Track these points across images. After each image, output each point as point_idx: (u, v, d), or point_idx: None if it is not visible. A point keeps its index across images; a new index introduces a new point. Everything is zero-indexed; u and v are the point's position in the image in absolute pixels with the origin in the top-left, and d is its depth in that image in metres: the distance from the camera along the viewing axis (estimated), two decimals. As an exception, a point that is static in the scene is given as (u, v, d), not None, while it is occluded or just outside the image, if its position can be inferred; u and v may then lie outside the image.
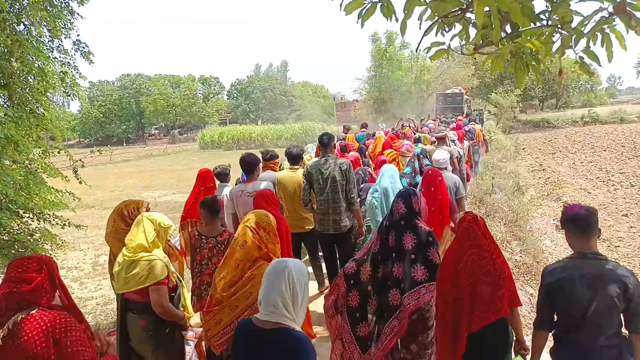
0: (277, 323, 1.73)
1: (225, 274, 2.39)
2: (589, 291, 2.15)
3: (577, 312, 2.18)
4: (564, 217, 2.39)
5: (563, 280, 2.22)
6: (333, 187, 4.30)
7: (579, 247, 2.30)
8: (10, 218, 4.43)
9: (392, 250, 2.66)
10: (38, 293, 1.88)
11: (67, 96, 5.20)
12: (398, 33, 30.56)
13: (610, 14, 2.00)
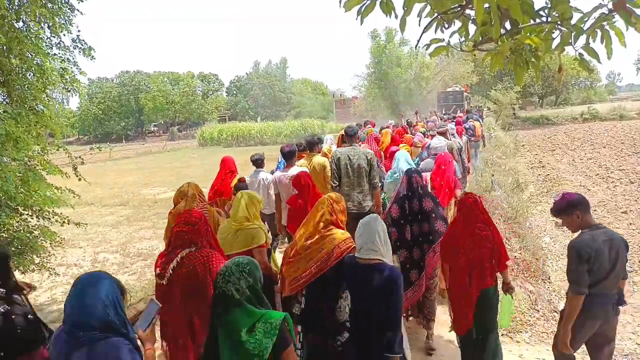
0: (374, 259, 2.42)
1: (304, 233, 2.98)
2: (612, 252, 2.74)
3: (605, 270, 2.74)
4: (570, 202, 2.84)
5: (597, 247, 2.71)
6: (359, 172, 4.98)
7: (589, 222, 2.83)
8: (10, 215, 4.43)
9: (418, 212, 3.74)
10: (197, 234, 2.62)
11: (66, 92, 5.19)
12: (397, 30, 30.39)
13: (610, 11, 2.00)
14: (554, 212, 3.00)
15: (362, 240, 2.47)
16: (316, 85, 77.78)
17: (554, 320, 5.36)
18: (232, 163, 5.20)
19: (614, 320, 2.89)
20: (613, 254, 2.75)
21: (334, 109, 54.28)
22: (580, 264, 2.72)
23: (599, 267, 2.72)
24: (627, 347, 5.02)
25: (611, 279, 2.78)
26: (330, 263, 2.78)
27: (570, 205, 2.85)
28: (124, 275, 7.13)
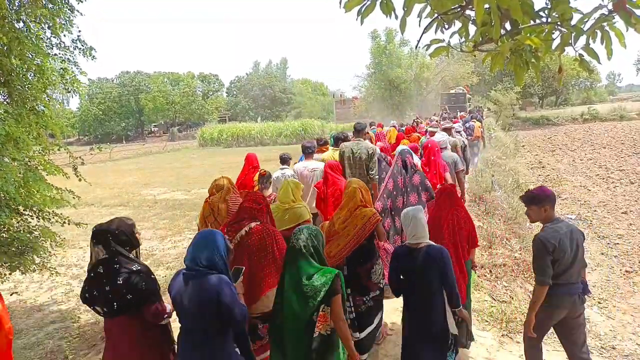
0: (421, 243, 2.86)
1: (341, 215, 3.54)
2: (572, 243, 2.94)
3: (568, 260, 2.94)
4: (543, 196, 3.03)
5: (560, 239, 2.91)
6: (360, 164, 5.46)
7: (552, 216, 3.05)
8: (10, 216, 4.43)
9: (408, 185, 4.53)
10: (261, 212, 3.29)
11: (67, 92, 5.19)
12: (398, 30, 30.44)
13: (610, 12, 2.00)
14: (527, 200, 3.14)
15: (411, 230, 2.91)
16: (316, 85, 77.82)
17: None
18: (255, 159, 5.63)
19: (581, 308, 3.06)
20: (574, 245, 2.95)
21: (334, 110, 54.26)
22: (545, 255, 2.92)
23: (562, 257, 2.92)
24: (628, 348, 5.02)
25: (574, 268, 2.98)
26: (366, 234, 3.39)
27: (544, 198, 3.03)
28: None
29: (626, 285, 6.96)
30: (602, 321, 5.76)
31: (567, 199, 12.15)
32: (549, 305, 2.98)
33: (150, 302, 2.53)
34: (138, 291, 2.48)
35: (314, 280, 2.40)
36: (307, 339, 2.41)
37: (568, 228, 2.98)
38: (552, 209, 3.03)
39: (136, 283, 2.49)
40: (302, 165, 5.62)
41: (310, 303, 2.38)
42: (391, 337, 4.08)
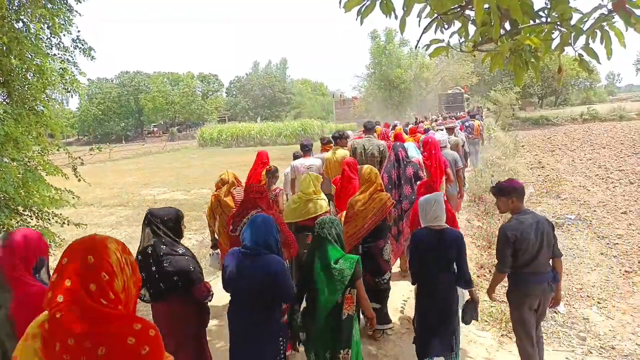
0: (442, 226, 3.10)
1: (360, 199, 3.92)
2: (538, 233, 3.03)
3: (534, 249, 3.04)
4: (511, 188, 3.17)
5: (523, 230, 3.03)
6: (372, 160, 5.89)
7: (519, 207, 3.16)
8: (9, 216, 4.43)
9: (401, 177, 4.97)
10: (262, 200, 3.68)
11: (66, 92, 5.19)
12: (397, 30, 30.47)
13: (609, 11, 2.00)
14: (496, 191, 3.27)
15: (433, 213, 3.13)
16: (316, 85, 77.84)
17: (553, 320, 5.36)
18: (266, 156, 5.80)
19: (550, 295, 3.21)
20: (539, 235, 3.05)
21: (334, 110, 54.26)
22: (506, 245, 3.06)
23: (526, 247, 3.03)
24: (627, 348, 5.01)
25: (541, 258, 3.09)
26: (382, 216, 3.84)
27: (512, 190, 3.16)
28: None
29: (626, 285, 6.95)
30: (601, 321, 5.76)
31: (566, 199, 12.14)
32: (525, 294, 3.11)
33: (198, 282, 2.75)
34: (186, 273, 2.69)
35: (340, 264, 2.69)
36: (334, 320, 2.69)
37: (534, 219, 3.10)
38: (519, 201, 3.16)
39: (184, 265, 2.70)
40: (299, 162, 5.93)
41: (338, 286, 2.67)
42: (391, 337, 4.08)
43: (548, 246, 3.11)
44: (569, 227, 9.82)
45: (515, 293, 3.18)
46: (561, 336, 4.90)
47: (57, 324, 1.30)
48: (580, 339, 4.96)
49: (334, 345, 2.70)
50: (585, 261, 7.95)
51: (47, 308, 1.32)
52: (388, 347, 3.92)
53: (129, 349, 1.31)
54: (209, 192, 14.14)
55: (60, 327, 1.30)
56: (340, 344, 2.69)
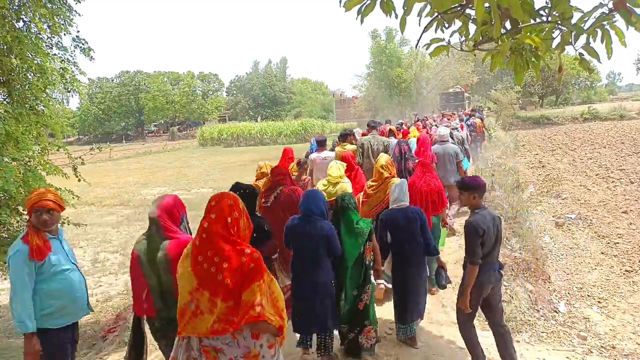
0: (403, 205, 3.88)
1: (373, 185, 4.80)
2: (494, 228, 3.34)
3: (492, 242, 3.34)
4: (475, 184, 3.42)
5: (487, 224, 3.28)
6: (376, 154, 6.46)
7: (480, 203, 3.42)
8: (10, 215, 4.43)
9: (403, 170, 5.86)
10: (285, 179, 4.58)
11: (67, 92, 5.19)
12: (398, 30, 30.43)
13: (610, 10, 2.00)
14: (460, 186, 3.51)
15: (396, 195, 3.92)
16: (316, 85, 77.80)
17: (554, 320, 5.36)
18: (291, 152, 6.42)
19: (500, 282, 3.57)
20: (495, 230, 3.36)
21: (334, 109, 54.26)
22: (476, 238, 3.26)
23: (489, 240, 3.30)
24: (628, 347, 5.01)
25: (496, 250, 3.42)
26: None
27: (475, 187, 3.40)
28: (123, 275, 7.13)
29: (626, 284, 6.95)
30: (602, 320, 5.76)
31: (567, 199, 12.12)
32: (480, 283, 3.34)
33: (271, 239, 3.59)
34: (263, 231, 3.53)
35: (360, 224, 3.57)
36: (359, 265, 3.58)
37: (491, 215, 3.39)
38: (480, 197, 3.42)
39: (262, 225, 3.56)
40: (315, 155, 6.70)
41: (359, 240, 3.55)
42: (391, 337, 4.08)
43: (500, 240, 3.46)
44: (570, 227, 9.82)
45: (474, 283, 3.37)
46: (562, 335, 4.90)
47: (202, 241, 2.16)
48: (581, 338, 4.96)
49: (358, 282, 3.59)
50: (586, 260, 7.95)
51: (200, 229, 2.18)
52: (388, 346, 3.92)
53: (242, 264, 2.08)
54: (209, 192, 14.14)
55: (202, 245, 2.15)
56: (365, 282, 3.61)
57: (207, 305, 2.09)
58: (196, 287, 2.12)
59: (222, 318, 2.06)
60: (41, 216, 2.80)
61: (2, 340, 5.17)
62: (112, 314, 5.65)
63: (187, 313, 2.14)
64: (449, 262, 6.02)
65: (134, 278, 2.78)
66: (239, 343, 2.13)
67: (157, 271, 2.69)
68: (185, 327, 2.14)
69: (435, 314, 4.65)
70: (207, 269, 2.09)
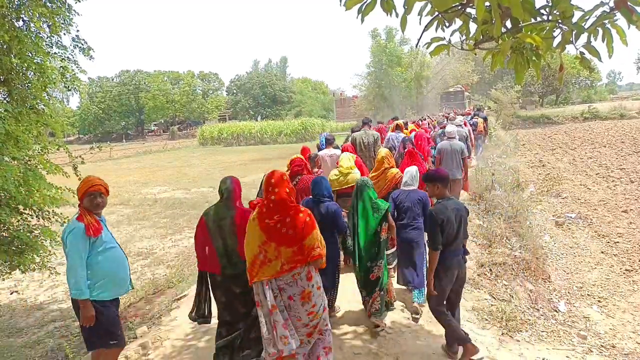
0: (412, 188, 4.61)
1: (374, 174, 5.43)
2: (457, 217, 3.55)
3: (454, 231, 3.53)
4: (437, 176, 3.70)
5: (448, 214, 3.50)
6: (368, 148, 7.45)
7: (443, 194, 3.65)
8: (10, 215, 4.43)
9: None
10: (303, 169, 5.39)
11: (67, 91, 5.19)
12: (398, 29, 30.49)
13: (611, 9, 1.99)
14: (424, 178, 3.83)
15: (408, 178, 4.64)
16: (316, 84, 77.74)
17: (554, 319, 5.36)
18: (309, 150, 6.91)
19: (465, 268, 3.77)
20: (458, 219, 3.56)
21: (335, 108, 54.23)
22: (436, 226, 3.50)
23: (450, 228, 3.50)
24: (628, 346, 5.02)
25: (459, 238, 3.60)
26: (392, 184, 5.23)
27: (437, 178, 3.67)
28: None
29: (626, 283, 6.95)
30: (602, 320, 5.76)
31: (567, 198, 12.12)
32: (446, 268, 3.58)
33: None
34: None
35: (378, 202, 4.05)
36: (375, 241, 4.01)
37: (455, 205, 3.61)
38: (443, 187, 3.66)
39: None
40: (323, 152, 7.20)
41: (376, 215, 3.98)
42: (391, 336, 4.08)
43: (465, 228, 3.66)
44: (570, 226, 9.82)
45: (439, 268, 3.59)
46: (562, 335, 4.90)
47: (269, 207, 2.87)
48: (581, 337, 4.96)
49: (373, 258, 4.01)
50: (586, 260, 7.95)
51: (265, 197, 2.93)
52: (389, 345, 3.92)
53: (300, 219, 2.84)
54: (209, 191, 14.14)
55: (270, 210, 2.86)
56: (378, 257, 4.03)
57: (274, 254, 2.83)
58: (265, 241, 2.84)
59: (288, 260, 2.83)
60: (95, 199, 3.26)
61: (3, 340, 5.17)
62: (112, 313, 5.65)
63: (257, 262, 2.85)
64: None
65: (199, 240, 3.43)
66: (297, 282, 2.86)
67: (223, 235, 3.32)
68: (257, 274, 2.85)
69: (435, 313, 4.64)
70: (274, 226, 2.83)
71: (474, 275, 5.68)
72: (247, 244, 2.91)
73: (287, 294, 2.86)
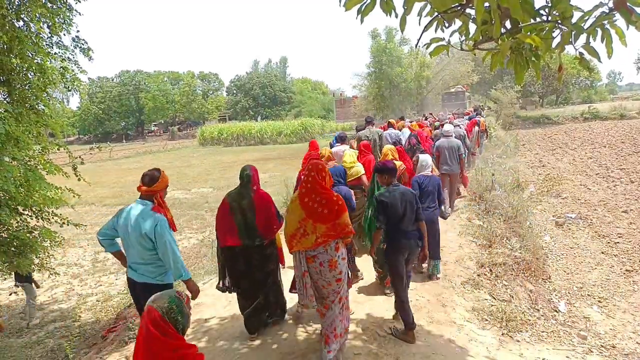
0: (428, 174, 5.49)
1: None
2: (402, 202, 4.00)
3: (400, 213, 4.00)
4: (385, 168, 4.15)
5: (391, 199, 3.99)
6: (373, 144, 7.85)
7: (392, 182, 4.12)
8: (10, 215, 4.43)
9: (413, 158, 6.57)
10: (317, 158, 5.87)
11: (67, 91, 5.20)
12: (398, 29, 30.43)
13: (610, 10, 1.99)
14: (375, 169, 4.38)
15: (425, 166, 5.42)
16: (316, 84, 77.80)
17: (554, 319, 5.36)
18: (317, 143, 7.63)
19: (416, 250, 4.14)
20: (404, 203, 4.02)
21: (334, 108, 54.22)
22: (380, 208, 4.01)
23: (394, 212, 3.98)
24: (628, 347, 5.02)
25: (406, 219, 4.03)
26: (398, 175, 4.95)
27: (385, 170, 4.15)
28: (123, 276, 7.12)
29: (626, 284, 6.95)
30: (602, 320, 5.76)
31: (567, 198, 12.13)
32: (395, 248, 4.05)
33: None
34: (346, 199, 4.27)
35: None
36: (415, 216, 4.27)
37: (401, 191, 4.09)
38: (391, 177, 4.14)
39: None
40: (336, 148, 7.70)
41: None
42: (391, 336, 4.08)
43: (411, 211, 4.05)
44: (570, 226, 9.82)
45: (390, 247, 4.09)
46: (562, 335, 4.90)
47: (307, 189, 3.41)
48: (581, 337, 4.96)
49: None
50: (586, 260, 7.95)
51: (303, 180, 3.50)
52: (389, 346, 3.92)
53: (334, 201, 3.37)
54: (209, 191, 14.14)
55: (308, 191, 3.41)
56: None
57: (311, 229, 3.39)
58: (304, 218, 3.41)
59: (323, 234, 3.39)
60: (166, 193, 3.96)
61: (3, 340, 5.17)
62: (112, 314, 5.65)
63: (297, 235, 3.44)
64: (449, 262, 6.03)
65: (221, 219, 3.96)
66: (327, 252, 3.42)
67: (244, 212, 3.89)
68: (297, 244, 3.45)
69: (435, 313, 4.65)
70: (312, 205, 3.40)
71: (474, 276, 5.68)
72: (289, 220, 3.51)
73: (318, 261, 3.45)
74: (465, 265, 5.98)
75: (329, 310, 3.54)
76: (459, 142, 8.27)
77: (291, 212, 3.51)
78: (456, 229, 7.44)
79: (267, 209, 3.97)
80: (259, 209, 3.90)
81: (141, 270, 3.42)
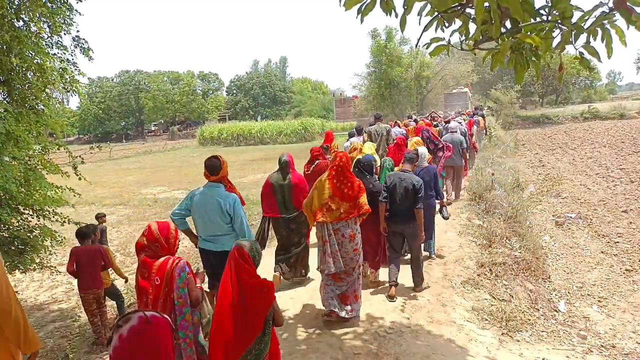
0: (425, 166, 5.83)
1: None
2: (401, 187, 4.74)
3: (398, 195, 4.74)
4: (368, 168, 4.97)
5: (393, 182, 4.79)
6: (382, 138, 8.87)
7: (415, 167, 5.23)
8: (11, 215, 4.43)
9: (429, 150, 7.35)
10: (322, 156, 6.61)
11: (66, 92, 5.19)
12: (398, 29, 30.45)
13: (610, 10, 2.00)
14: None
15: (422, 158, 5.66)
16: (316, 84, 77.75)
17: (554, 319, 5.36)
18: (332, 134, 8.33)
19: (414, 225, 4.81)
20: (402, 189, 4.73)
21: (334, 108, 54.18)
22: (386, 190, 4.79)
23: (393, 193, 4.77)
24: (628, 346, 5.02)
25: (402, 201, 4.74)
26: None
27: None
28: (124, 275, 7.11)
29: (626, 283, 6.96)
30: (602, 319, 5.76)
31: (567, 198, 12.13)
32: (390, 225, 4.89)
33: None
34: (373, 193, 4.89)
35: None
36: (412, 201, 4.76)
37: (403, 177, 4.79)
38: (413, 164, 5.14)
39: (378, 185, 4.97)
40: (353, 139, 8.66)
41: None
42: (391, 336, 4.09)
43: (407, 197, 4.71)
44: (570, 226, 9.82)
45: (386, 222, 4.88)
46: (562, 335, 4.90)
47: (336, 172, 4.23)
48: (581, 337, 4.96)
49: None
50: (586, 260, 7.95)
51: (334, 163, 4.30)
52: (389, 345, 3.93)
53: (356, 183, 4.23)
54: (209, 191, 14.12)
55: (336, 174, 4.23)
56: None
57: (337, 205, 4.15)
58: (331, 195, 4.16)
59: (346, 211, 4.15)
60: None
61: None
62: (111, 313, 5.64)
63: (324, 209, 4.17)
64: (449, 261, 6.04)
65: (265, 195, 5.15)
66: (349, 225, 4.18)
67: (283, 191, 5.04)
68: (323, 216, 4.15)
69: (435, 313, 4.65)
70: (339, 186, 4.16)
71: (473, 275, 5.68)
72: (316, 196, 4.21)
73: (341, 233, 4.16)
74: (465, 265, 5.98)
75: (350, 276, 4.25)
76: (461, 138, 9.07)
77: (320, 189, 4.22)
78: (456, 228, 7.45)
79: (301, 189, 5.02)
80: (296, 188, 5.01)
81: (220, 241, 3.96)
